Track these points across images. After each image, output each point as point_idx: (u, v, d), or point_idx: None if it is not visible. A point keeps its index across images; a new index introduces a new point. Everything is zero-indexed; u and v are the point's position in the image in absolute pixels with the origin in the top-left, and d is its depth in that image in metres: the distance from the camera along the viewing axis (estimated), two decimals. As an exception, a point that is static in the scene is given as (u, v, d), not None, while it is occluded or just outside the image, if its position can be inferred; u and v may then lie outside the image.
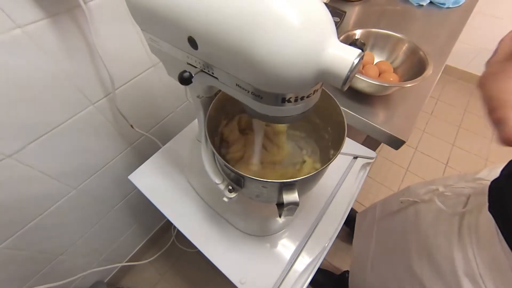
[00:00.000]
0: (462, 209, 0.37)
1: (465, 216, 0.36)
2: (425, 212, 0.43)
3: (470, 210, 0.36)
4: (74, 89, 0.46)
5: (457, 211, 0.37)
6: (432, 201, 0.42)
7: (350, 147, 0.57)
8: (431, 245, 0.39)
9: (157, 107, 0.66)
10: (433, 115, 1.61)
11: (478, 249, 0.33)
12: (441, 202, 0.40)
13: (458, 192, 0.39)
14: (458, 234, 0.36)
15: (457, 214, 0.37)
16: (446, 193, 0.40)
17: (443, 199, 0.41)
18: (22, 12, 0.34)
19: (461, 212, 0.37)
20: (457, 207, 0.38)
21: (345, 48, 0.19)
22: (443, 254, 0.37)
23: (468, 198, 0.37)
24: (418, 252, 0.42)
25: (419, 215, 0.45)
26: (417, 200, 0.46)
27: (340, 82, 0.20)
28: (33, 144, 0.44)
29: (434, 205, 0.41)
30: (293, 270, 0.42)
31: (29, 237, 0.54)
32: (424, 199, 0.45)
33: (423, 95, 0.61)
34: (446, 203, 0.40)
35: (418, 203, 0.46)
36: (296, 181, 0.28)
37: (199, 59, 0.24)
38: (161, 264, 1.02)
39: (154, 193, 0.51)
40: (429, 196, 0.43)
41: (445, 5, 0.83)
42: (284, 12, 0.18)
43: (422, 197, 0.45)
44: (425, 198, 0.44)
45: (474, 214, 0.35)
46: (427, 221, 0.42)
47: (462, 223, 0.36)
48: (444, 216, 0.39)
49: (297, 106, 0.23)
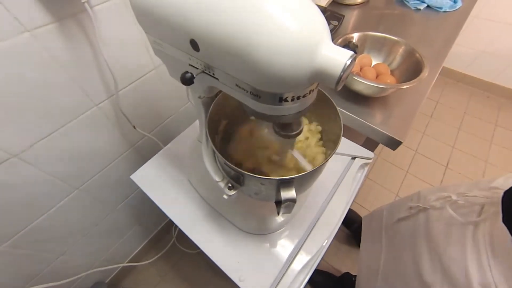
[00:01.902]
0: (476, 218, 0.36)
1: (479, 225, 0.35)
2: (436, 219, 0.42)
3: (484, 219, 0.35)
4: (79, 91, 0.47)
5: (471, 220, 0.36)
6: (444, 209, 0.40)
7: (348, 147, 0.58)
8: (443, 254, 0.38)
9: (159, 109, 0.68)
10: (433, 118, 1.62)
11: (494, 258, 0.32)
12: (453, 210, 0.39)
13: (472, 200, 0.38)
14: (472, 243, 0.35)
15: (471, 224, 0.36)
16: (459, 202, 0.39)
17: (455, 206, 0.40)
18: (30, 16, 0.35)
19: (475, 222, 0.36)
20: (471, 216, 0.37)
21: (338, 50, 0.21)
22: (456, 263, 0.36)
23: (482, 207, 0.36)
24: (430, 261, 0.40)
25: (429, 223, 0.43)
26: (427, 206, 0.45)
27: (334, 82, 0.21)
28: (38, 144, 0.45)
29: (446, 213, 0.40)
30: (291, 268, 0.43)
31: (31, 236, 0.54)
32: (435, 206, 0.43)
33: (419, 96, 0.62)
34: (459, 212, 0.39)
35: (428, 209, 0.45)
36: (294, 178, 0.29)
37: (201, 60, 0.26)
38: (161, 265, 1.02)
39: (156, 192, 0.52)
40: (440, 203, 0.42)
41: (442, 9, 0.84)
42: (281, 17, 0.19)
43: (432, 204, 0.44)
44: (436, 205, 0.43)
45: (488, 224, 0.34)
46: (438, 229, 0.41)
47: (476, 233, 0.35)
48: (456, 224, 0.38)
49: (294, 106, 0.24)
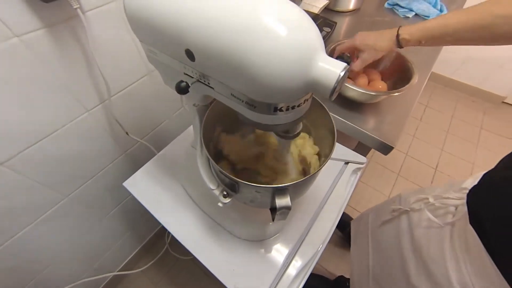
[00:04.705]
0: (451, 219, 0.37)
1: (455, 226, 0.37)
2: (417, 221, 0.43)
3: (458, 220, 0.36)
4: (70, 97, 0.46)
5: (447, 222, 0.38)
6: (423, 211, 0.42)
7: (341, 153, 0.58)
8: (426, 256, 0.39)
9: (152, 114, 0.67)
10: (422, 121, 1.66)
11: (469, 258, 0.33)
12: (430, 211, 0.41)
13: (447, 202, 0.39)
14: (450, 244, 0.36)
15: (448, 225, 0.38)
16: (435, 204, 0.41)
17: (432, 208, 0.41)
18: (20, 21, 0.35)
19: (451, 223, 0.37)
20: (447, 218, 0.38)
21: (332, 62, 0.21)
22: (437, 265, 0.37)
23: (456, 208, 0.38)
24: (415, 263, 0.41)
25: (412, 225, 0.44)
26: (407, 209, 0.46)
27: (328, 93, 0.21)
28: (26, 152, 0.44)
29: (425, 215, 0.41)
30: (286, 274, 0.43)
31: (18, 247, 0.52)
32: (414, 208, 0.45)
33: (410, 102, 0.63)
34: (436, 213, 0.40)
35: (409, 212, 0.46)
36: (288, 186, 0.29)
37: (196, 70, 0.26)
38: (154, 273, 1.00)
39: (149, 200, 0.51)
40: (419, 205, 0.44)
41: (429, 17, 0.87)
42: (277, 30, 0.19)
43: (412, 206, 0.45)
44: (415, 208, 0.44)
45: (462, 224, 0.35)
46: (419, 232, 0.42)
47: (453, 233, 0.36)
48: (435, 227, 0.39)
49: (288, 115, 0.24)
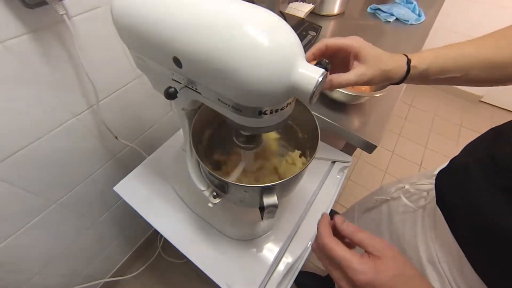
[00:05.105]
0: (423, 203, 0.42)
1: (426, 209, 0.41)
2: (395, 208, 0.48)
3: (429, 203, 0.41)
4: (57, 102, 0.46)
5: (420, 205, 0.42)
6: (400, 198, 0.46)
7: (328, 152, 0.61)
8: (401, 238, 0.44)
9: (141, 118, 0.67)
10: (407, 120, 1.73)
11: (435, 234, 0.37)
12: (406, 198, 0.45)
13: (420, 188, 0.44)
14: (421, 225, 0.40)
15: (420, 208, 0.42)
16: (410, 190, 0.45)
17: (408, 195, 0.46)
18: (2, 27, 0.34)
19: (423, 206, 0.42)
20: (420, 202, 0.43)
21: (311, 68, 0.23)
22: (410, 245, 0.41)
23: (428, 193, 0.42)
24: None
25: (391, 212, 0.49)
26: (388, 198, 0.50)
27: (307, 97, 0.23)
28: (10, 159, 0.43)
29: (402, 201, 0.45)
30: (277, 271, 0.44)
31: (3, 257, 0.51)
32: (393, 197, 0.49)
33: (392, 103, 0.66)
34: (411, 199, 0.45)
35: (389, 200, 0.50)
36: (275, 185, 0.30)
37: (184, 76, 0.27)
38: (147, 278, 0.99)
39: (140, 203, 0.51)
40: (397, 194, 0.48)
41: (409, 21, 0.92)
42: (259, 38, 0.21)
43: (392, 195, 0.49)
44: (394, 196, 0.49)
45: (432, 206, 0.40)
46: (397, 217, 0.47)
47: (424, 216, 0.41)
48: (410, 210, 0.44)
49: (272, 118, 0.26)
